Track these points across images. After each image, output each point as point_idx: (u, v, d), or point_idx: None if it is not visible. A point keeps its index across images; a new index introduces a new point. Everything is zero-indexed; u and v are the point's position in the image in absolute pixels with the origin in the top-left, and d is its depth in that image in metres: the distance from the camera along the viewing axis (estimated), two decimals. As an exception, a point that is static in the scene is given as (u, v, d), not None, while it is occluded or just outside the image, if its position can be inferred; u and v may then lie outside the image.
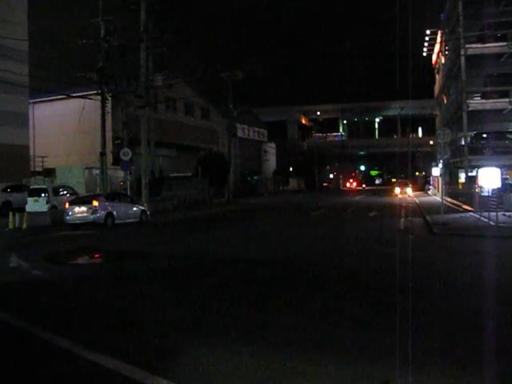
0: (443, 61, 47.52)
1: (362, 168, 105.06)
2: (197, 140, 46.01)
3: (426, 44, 51.36)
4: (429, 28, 48.47)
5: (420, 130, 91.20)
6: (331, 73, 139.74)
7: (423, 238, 15.30)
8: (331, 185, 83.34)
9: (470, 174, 32.20)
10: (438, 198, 31.26)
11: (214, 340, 5.45)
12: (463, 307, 6.85)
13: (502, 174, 23.64)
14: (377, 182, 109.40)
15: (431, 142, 68.54)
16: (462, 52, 34.02)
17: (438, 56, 51.99)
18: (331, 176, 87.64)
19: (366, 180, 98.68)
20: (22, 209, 22.42)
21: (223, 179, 40.57)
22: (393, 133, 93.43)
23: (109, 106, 26.97)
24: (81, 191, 26.03)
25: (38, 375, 4.69)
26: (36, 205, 23.08)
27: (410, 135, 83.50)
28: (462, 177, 35.30)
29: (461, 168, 36.41)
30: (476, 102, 34.82)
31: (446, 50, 44.64)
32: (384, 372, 4.45)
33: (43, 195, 23.48)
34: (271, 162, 68.20)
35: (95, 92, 26.43)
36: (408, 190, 48.84)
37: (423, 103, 79.41)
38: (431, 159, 60.48)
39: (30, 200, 23.36)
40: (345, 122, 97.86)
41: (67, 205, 20.19)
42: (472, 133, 35.81)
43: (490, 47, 33.68)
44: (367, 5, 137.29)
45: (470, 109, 34.04)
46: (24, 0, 30.33)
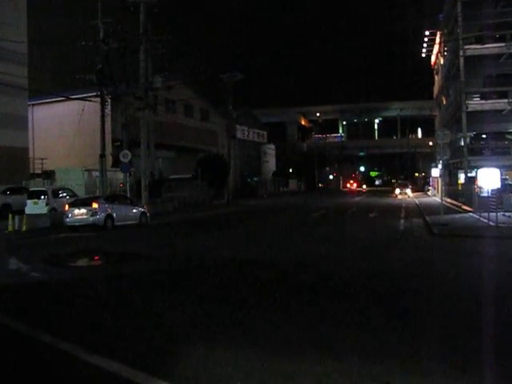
0: (442, 62, 47.54)
1: (362, 169, 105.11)
2: (196, 141, 46.04)
3: (425, 45, 51.43)
4: (428, 29, 48.56)
5: (419, 131, 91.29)
6: (331, 74, 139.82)
7: (423, 239, 15.32)
8: (330, 185, 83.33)
9: (470, 175, 32.22)
10: (438, 199, 31.28)
11: (215, 342, 5.44)
12: (463, 308, 6.85)
13: (502, 175, 23.66)
14: (376, 183, 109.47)
15: (431, 143, 68.61)
16: (461, 53, 34.04)
17: (437, 57, 52.03)
18: (331, 177, 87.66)
19: (366, 181, 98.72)
20: (22, 211, 22.37)
21: (223, 181, 40.57)
22: (392, 134, 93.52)
23: (108, 108, 26.97)
24: (80, 193, 26.01)
25: (39, 378, 4.68)
26: (35, 207, 23.04)
27: (410, 136, 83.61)
28: (462, 177, 35.30)
29: (460, 169, 36.41)
30: (475, 103, 34.82)
31: (445, 51, 44.65)
32: (384, 372, 4.45)
33: (43, 197, 23.43)
34: (271, 164, 68.22)
35: (95, 94, 26.45)
36: (408, 191, 48.85)
37: (422, 104, 79.59)
38: (431, 160, 60.53)
39: (30, 202, 23.32)
40: (344, 123, 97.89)
41: (67, 207, 20.17)
42: (471, 133, 35.83)
43: (489, 48, 33.70)
44: (366, 6, 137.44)
45: (470, 109, 34.05)
46: (23, 2, 30.34)
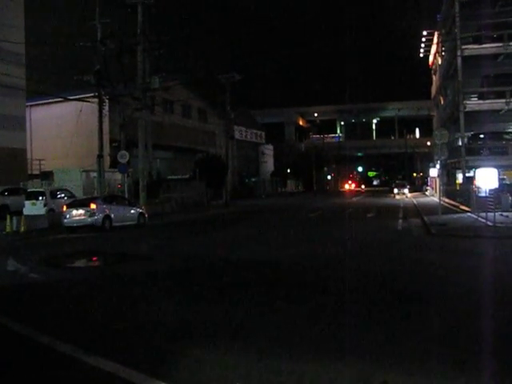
0: (440, 62, 47.59)
1: (360, 169, 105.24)
2: (194, 142, 46.03)
3: (423, 45, 51.48)
4: (425, 29, 48.62)
5: (417, 131, 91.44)
6: (328, 74, 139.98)
7: (421, 239, 15.33)
8: (328, 185, 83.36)
9: (468, 175, 32.24)
10: (436, 199, 31.31)
11: (214, 342, 5.43)
12: (462, 307, 6.86)
13: (499, 175, 23.74)
14: (374, 183, 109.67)
15: (428, 143, 68.69)
16: (459, 53, 34.05)
17: (435, 57, 52.07)
18: (329, 177, 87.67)
19: (364, 181, 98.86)
20: (20, 212, 22.34)
21: (221, 181, 40.55)
22: (390, 134, 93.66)
23: (106, 109, 26.94)
24: (78, 194, 25.98)
25: (37, 379, 4.67)
26: (34, 208, 23.01)
27: (408, 136, 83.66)
28: (460, 177, 35.33)
29: (458, 169, 36.44)
30: (473, 103, 34.83)
31: (443, 51, 44.68)
32: (383, 372, 4.45)
33: (41, 198, 23.39)
34: (269, 164, 68.26)
35: (92, 95, 26.42)
36: (406, 191, 48.93)
37: (420, 104, 79.76)
38: (429, 160, 60.50)
39: (28, 203, 23.28)
40: (342, 124, 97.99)
41: (65, 208, 20.15)
42: (469, 133, 35.85)
43: (487, 48, 33.71)
44: (365, 6, 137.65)
45: (467, 109, 34.07)
46: (21, 3, 30.31)
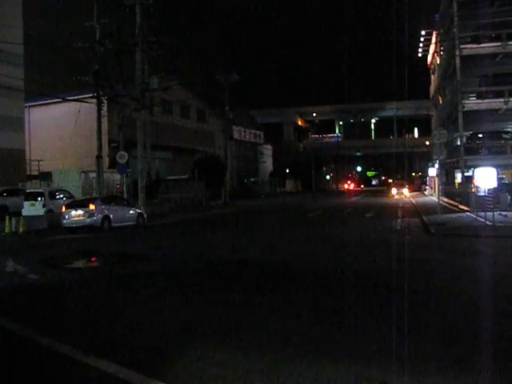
0: (438, 61, 47.61)
1: (359, 169, 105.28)
2: (193, 142, 46.02)
3: (421, 45, 51.50)
4: (424, 29, 48.62)
5: (416, 131, 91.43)
6: (327, 74, 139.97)
7: (420, 239, 15.33)
8: (326, 185, 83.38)
9: (467, 174, 32.25)
10: (435, 199, 31.33)
11: (213, 343, 5.43)
12: (461, 307, 6.86)
13: (498, 174, 23.74)
14: (373, 183, 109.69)
15: (427, 143, 68.68)
16: (457, 52, 34.07)
17: (434, 56, 52.10)
18: (328, 177, 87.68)
19: (363, 181, 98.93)
20: (19, 213, 22.32)
21: (220, 181, 40.55)
22: (389, 134, 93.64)
23: (105, 109, 26.92)
24: (77, 195, 25.97)
25: (36, 380, 4.67)
26: (32, 209, 22.99)
27: (406, 136, 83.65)
28: (459, 177, 35.36)
29: (457, 168, 36.46)
30: (471, 103, 34.85)
31: (441, 51, 44.70)
32: (382, 372, 4.45)
33: (39, 199, 23.38)
34: (268, 164, 68.27)
35: (91, 95, 26.38)
36: (404, 191, 48.93)
37: (419, 104, 79.65)
38: (427, 159, 60.55)
39: (27, 204, 23.26)
40: (341, 123, 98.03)
41: (64, 208, 20.12)
42: (468, 133, 35.88)
43: (485, 47, 33.72)
44: (363, 6, 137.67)
45: (466, 109, 34.08)
46: (19, 3, 30.27)
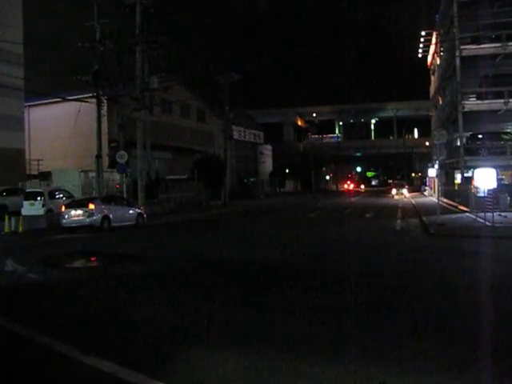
0: (438, 62, 47.59)
1: (359, 169, 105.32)
2: (193, 142, 46.02)
3: (421, 45, 51.48)
4: (424, 29, 48.60)
5: (416, 131, 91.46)
6: (327, 74, 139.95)
7: (419, 239, 15.34)
8: (326, 186, 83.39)
9: (466, 175, 32.21)
10: (434, 199, 31.33)
11: (212, 342, 5.43)
12: (460, 307, 6.86)
13: (498, 175, 23.73)
14: (373, 184, 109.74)
15: (427, 143, 68.70)
16: (457, 53, 34.03)
17: (434, 57, 52.07)
18: (327, 177, 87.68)
19: (363, 181, 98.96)
20: (18, 212, 22.33)
21: (219, 181, 40.55)
22: (389, 134, 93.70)
23: (104, 109, 26.93)
24: (77, 194, 25.94)
25: (35, 379, 4.66)
26: (32, 208, 22.99)
27: (406, 136, 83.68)
28: (458, 177, 35.32)
29: (457, 169, 36.42)
30: (471, 103, 34.81)
31: (441, 51, 44.68)
32: (382, 372, 4.45)
33: (39, 198, 23.38)
34: (267, 164, 68.27)
35: (91, 95, 26.39)
36: (404, 191, 48.95)
37: (419, 104, 79.68)
38: (427, 160, 60.54)
39: (26, 203, 23.26)
40: (341, 124, 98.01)
41: (63, 208, 20.12)
42: (468, 134, 35.83)
43: (485, 48, 33.69)
44: (364, 6, 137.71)
45: (466, 110, 34.04)
46: (19, 3, 30.27)
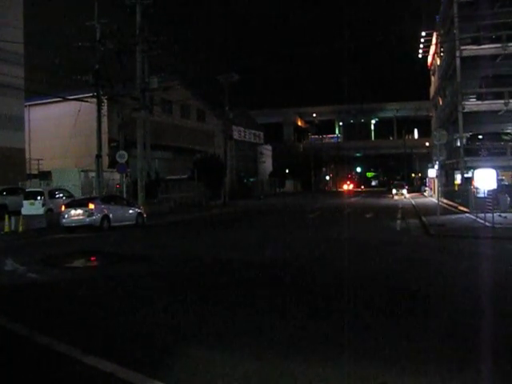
0: (439, 62, 47.60)
1: (358, 170, 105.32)
2: (193, 142, 45.99)
3: (422, 46, 51.48)
4: (424, 30, 48.60)
5: (416, 132, 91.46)
6: (327, 75, 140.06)
7: (419, 240, 15.34)
8: (326, 186, 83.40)
9: (466, 176, 32.22)
10: (434, 200, 31.35)
11: (212, 343, 5.43)
12: (460, 308, 6.86)
13: (498, 175, 23.74)
14: (373, 184, 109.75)
15: (427, 144, 68.70)
16: (458, 53, 34.03)
17: (434, 57, 52.07)
18: (327, 178, 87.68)
19: (363, 182, 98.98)
20: (18, 212, 22.32)
21: (219, 181, 40.55)
22: (389, 134, 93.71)
23: (105, 109, 26.92)
24: (77, 194, 25.94)
25: (35, 379, 4.66)
26: (32, 208, 22.98)
27: (406, 137, 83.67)
28: (458, 178, 35.31)
29: (457, 169, 36.41)
30: (471, 104, 34.80)
31: (442, 52, 44.69)
32: (382, 372, 4.45)
33: (39, 198, 23.37)
34: (267, 164, 68.24)
35: (91, 95, 26.39)
36: (404, 192, 48.93)
37: (419, 105, 79.68)
38: (427, 160, 60.54)
39: (26, 203, 23.25)
40: (341, 124, 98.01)
41: (63, 208, 20.12)
42: (468, 134, 35.84)
43: (485, 49, 33.70)
44: (364, 6, 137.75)
45: (466, 110, 34.04)
46: (19, 3, 30.26)
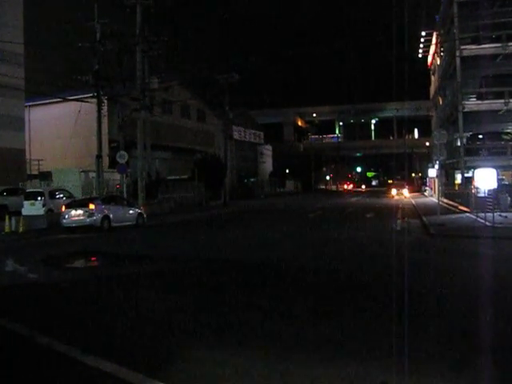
0: (439, 62, 47.59)
1: (359, 169, 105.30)
2: (193, 142, 46.00)
3: (422, 45, 51.48)
4: (424, 29, 48.57)
5: (416, 132, 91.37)
6: (327, 74, 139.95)
7: (420, 239, 15.32)
8: (326, 186, 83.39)
9: (467, 175, 32.21)
10: (435, 199, 31.33)
11: (212, 342, 5.43)
12: (460, 308, 6.86)
13: (498, 175, 23.71)
14: (373, 184, 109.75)
15: (427, 144, 68.66)
16: (458, 53, 34.02)
17: (434, 57, 52.07)
18: (328, 178, 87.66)
19: (364, 181, 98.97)
20: (19, 212, 22.33)
21: (219, 181, 40.55)
22: (389, 134, 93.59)
23: (105, 109, 26.92)
24: (77, 194, 25.95)
25: (35, 379, 4.66)
26: (32, 208, 22.99)
27: (406, 136, 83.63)
28: (459, 178, 35.30)
29: (457, 169, 36.41)
30: (472, 103, 34.80)
31: (442, 52, 44.68)
32: (382, 372, 4.45)
33: (39, 198, 23.38)
34: (267, 164, 68.23)
35: (91, 95, 26.38)
36: (404, 192, 48.92)
37: (419, 104, 79.60)
38: (427, 160, 60.52)
39: (27, 203, 23.26)
40: (341, 124, 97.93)
41: (63, 208, 20.13)
42: (468, 134, 35.82)
43: (486, 48, 33.69)
44: (363, 6, 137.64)
45: (466, 110, 34.04)
46: (20, 3, 30.28)
